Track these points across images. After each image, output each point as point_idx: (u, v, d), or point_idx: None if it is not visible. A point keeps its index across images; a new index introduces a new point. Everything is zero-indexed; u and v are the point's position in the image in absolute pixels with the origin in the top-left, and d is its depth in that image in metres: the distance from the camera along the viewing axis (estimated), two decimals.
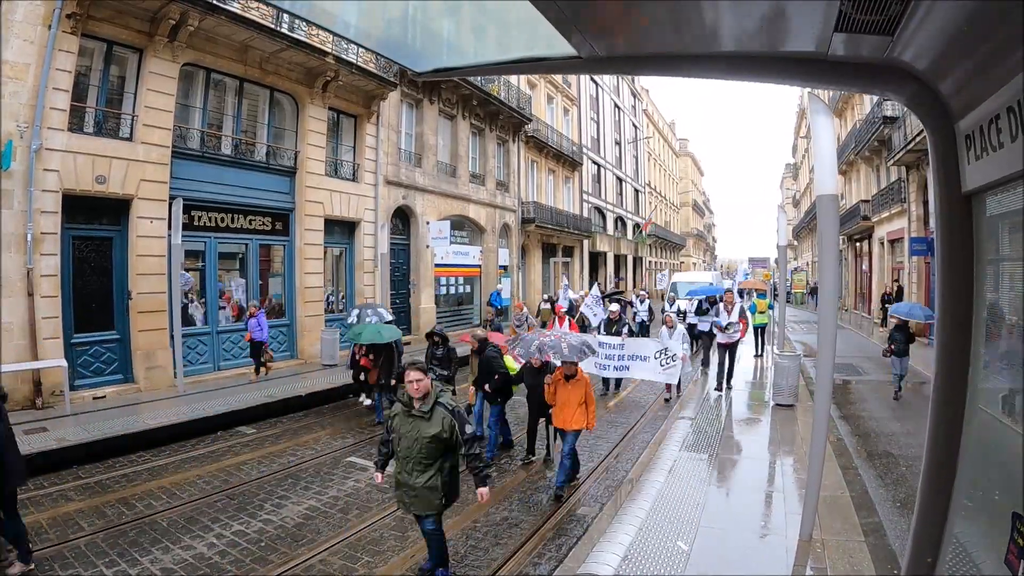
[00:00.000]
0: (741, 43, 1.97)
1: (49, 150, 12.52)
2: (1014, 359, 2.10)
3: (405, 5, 1.98)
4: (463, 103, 27.89)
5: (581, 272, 43.64)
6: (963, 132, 2.04)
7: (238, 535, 7.49)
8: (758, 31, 1.88)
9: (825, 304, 6.82)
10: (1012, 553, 1.85)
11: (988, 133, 1.84)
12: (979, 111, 1.89)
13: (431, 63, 2.37)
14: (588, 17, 1.74)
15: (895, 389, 14.66)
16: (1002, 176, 1.82)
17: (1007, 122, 1.72)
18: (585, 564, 6.21)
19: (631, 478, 9.13)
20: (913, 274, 27.09)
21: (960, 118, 2.04)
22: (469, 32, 2.13)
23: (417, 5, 1.98)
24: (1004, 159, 1.76)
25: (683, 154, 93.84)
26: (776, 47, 1.97)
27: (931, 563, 2.35)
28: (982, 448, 2.20)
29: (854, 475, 9.33)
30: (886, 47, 1.84)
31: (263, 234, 18.33)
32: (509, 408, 11.13)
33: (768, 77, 2.12)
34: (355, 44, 3.67)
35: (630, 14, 1.76)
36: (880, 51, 1.88)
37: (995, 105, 1.78)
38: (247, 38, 16.27)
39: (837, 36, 1.77)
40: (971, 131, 1.97)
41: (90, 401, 12.99)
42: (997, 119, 1.78)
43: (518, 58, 2.29)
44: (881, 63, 1.96)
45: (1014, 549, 1.84)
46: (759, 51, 2.01)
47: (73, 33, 12.79)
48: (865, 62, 1.98)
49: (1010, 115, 1.70)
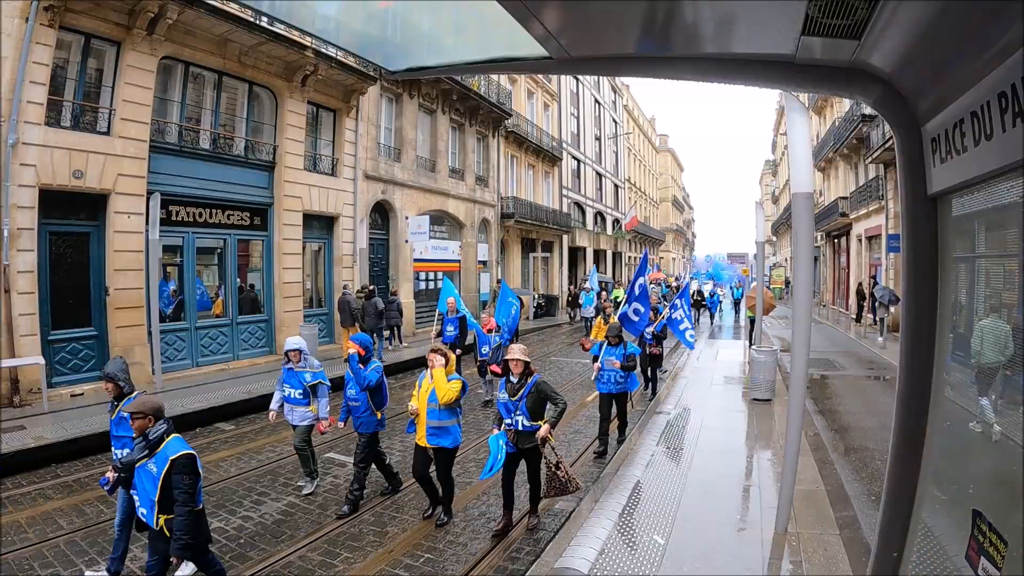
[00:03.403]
0: (711, 45, 2.00)
1: (26, 144, 12.38)
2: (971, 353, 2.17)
3: (378, 4, 1.99)
4: (443, 98, 27.82)
5: (560, 267, 43.69)
6: (929, 135, 2.07)
7: (217, 532, 7.41)
8: (727, 34, 1.91)
9: (799, 299, 6.89)
10: (972, 549, 1.89)
11: (953, 137, 1.88)
12: (945, 114, 1.93)
13: (404, 62, 2.38)
14: (556, 18, 1.76)
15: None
16: (966, 179, 1.86)
17: (971, 126, 1.76)
18: (562, 558, 6.25)
19: (608, 472, 9.17)
20: (890, 270, 27.37)
21: (926, 121, 2.08)
22: (441, 31, 2.15)
23: (389, 5, 2.00)
24: (968, 163, 1.80)
25: (663, 150, 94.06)
26: (747, 50, 2.00)
27: (897, 557, 2.39)
28: (946, 443, 2.25)
29: (830, 469, 9.44)
30: (853, 50, 1.87)
31: (241, 229, 18.19)
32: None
33: (738, 79, 2.15)
34: (327, 43, 3.66)
35: (599, 16, 1.78)
36: (847, 54, 1.91)
37: (959, 109, 1.81)
38: (226, 31, 16.17)
39: (805, 39, 1.80)
40: (937, 134, 2.00)
41: (68, 399, 12.88)
42: (961, 123, 1.81)
43: (489, 58, 2.30)
44: (849, 66, 1.99)
45: (974, 545, 1.88)
46: (728, 54, 2.04)
47: (50, 26, 12.65)
48: (833, 65, 2.01)
49: (973, 120, 1.73)
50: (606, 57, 2.16)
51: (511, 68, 2.35)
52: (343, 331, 18.61)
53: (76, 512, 8.03)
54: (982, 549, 1.83)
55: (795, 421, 6.69)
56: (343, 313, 18.69)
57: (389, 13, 2.04)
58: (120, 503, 6.26)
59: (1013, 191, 1.72)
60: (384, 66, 2.42)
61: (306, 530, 7.63)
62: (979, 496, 2.00)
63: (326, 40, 2.39)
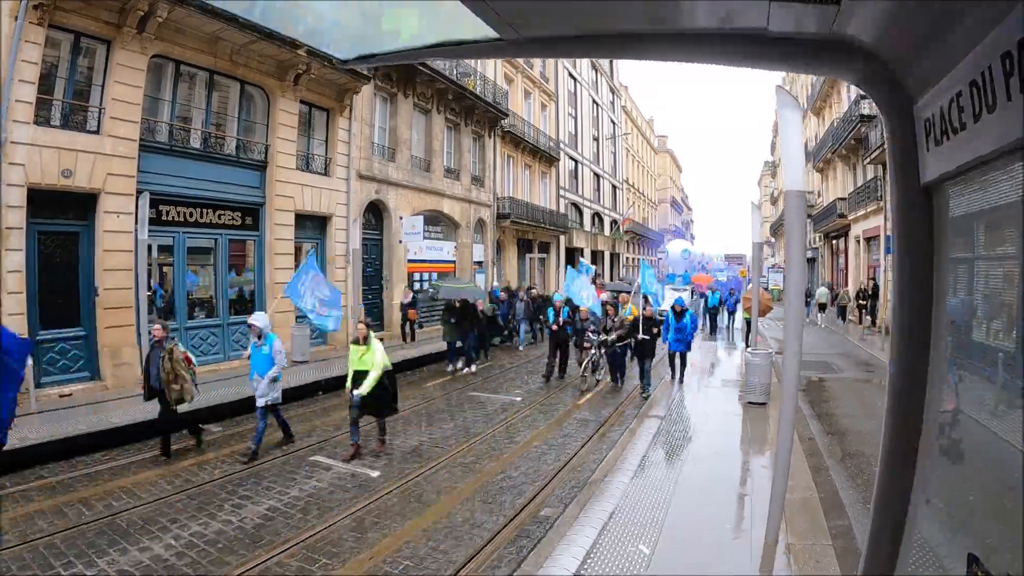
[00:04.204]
0: (672, 20, 1.82)
1: (15, 143, 12.28)
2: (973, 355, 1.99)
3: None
4: (438, 97, 27.69)
5: (557, 268, 43.59)
6: (922, 115, 1.89)
7: (196, 536, 7.34)
8: (690, 6, 1.74)
9: (792, 300, 6.74)
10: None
11: (949, 114, 1.69)
12: (939, 88, 1.74)
13: (354, 50, 2.25)
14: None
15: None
16: (964, 163, 1.67)
17: (969, 99, 1.56)
18: (543, 567, 6.11)
19: (596, 478, 9.03)
20: (889, 272, 27.26)
21: (918, 98, 1.90)
22: (391, 17, 2.01)
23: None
24: (967, 143, 1.61)
25: (662, 151, 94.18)
26: (711, 24, 1.82)
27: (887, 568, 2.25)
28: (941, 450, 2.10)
29: (825, 475, 9.30)
30: (832, 18, 1.68)
31: (233, 229, 18.07)
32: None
33: (706, 58, 1.98)
34: (275, 34, 3.63)
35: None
36: (826, 24, 1.72)
37: (955, 80, 1.62)
38: (217, 30, 16.04)
39: (775, 7, 1.61)
40: (931, 113, 1.82)
41: (56, 399, 12.74)
42: (959, 97, 1.61)
43: (440, 42, 2.16)
44: (826, 38, 1.80)
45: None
46: (694, 28, 1.86)
47: (40, 24, 12.54)
48: (810, 38, 1.83)
49: (973, 90, 1.53)
50: (560, 37, 1.99)
51: (463, 52, 2.20)
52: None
53: (58, 514, 7.91)
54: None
55: (786, 426, 6.52)
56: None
57: (337, 2, 1.92)
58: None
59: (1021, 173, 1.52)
60: (334, 55, 2.30)
61: (285, 535, 7.48)
62: (977, 506, 1.84)
63: (274, 30, 2.29)
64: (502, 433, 12.00)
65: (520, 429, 12.28)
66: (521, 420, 12.98)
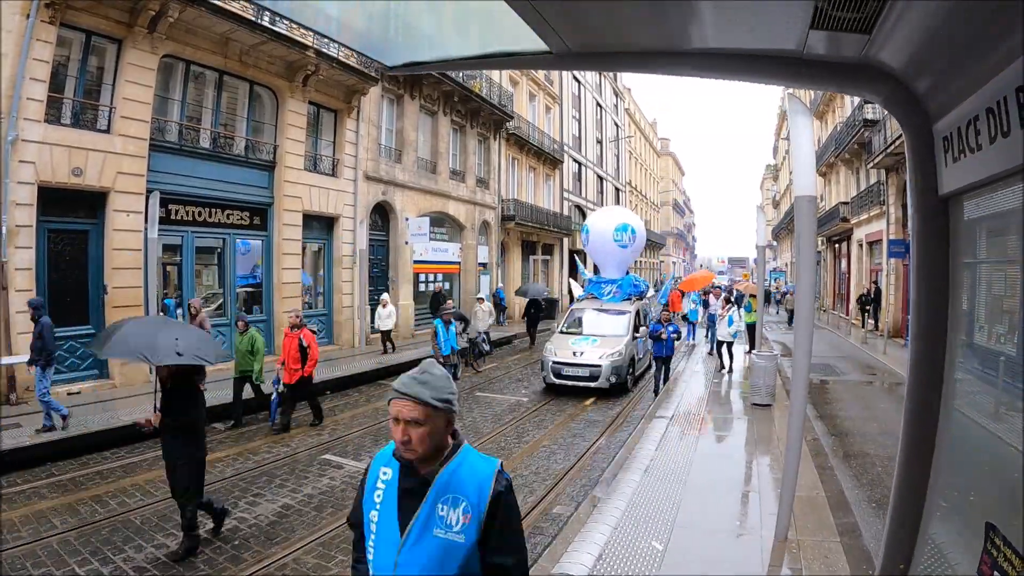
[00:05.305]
0: (716, 40, 1.93)
1: (25, 141, 12.35)
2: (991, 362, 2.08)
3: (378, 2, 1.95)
4: (444, 99, 27.78)
5: (561, 270, 43.64)
6: (941, 134, 2.01)
7: (211, 533, 7.37)
8: (733, 27, 1.84)
9: (801, 304, 6.81)
10: (985, 564, 1.82)
11: (966, 135, 1.81)
12: (957, 112, 1.86)
13: (402, 58, 2.33)
14: (559, 11, 1.70)
15: None
16: (979, 179, 1.79)
17: (986, 124, 1.69)
18: (559, 564, 6.19)
19: (607, 477, 9.11)
20: (891, 276, 27.27)
21: (937, 119, 2.01)
22: (441, 27, 2.10)
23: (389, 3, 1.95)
24: (982, 162, 1.74)
25: (664, 154, 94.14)
26: (752, 45, 1.94)
27: (904, 568, 2.33)
28: (957, 451, 2.18)
29: (830, 475, 9.35)
30: (863, 46, 1.81)
31: (241, 229, 18.16)
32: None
33: (744, 75, 2.09)
34: (328, 39, 3.65)
35: (601, 10, 1.73)
36: (857, 50, 1.85)
37: (974, 105, 1.75)
38: (227, 30, 16.14)
39: (814, 34, 1.74)
40: (949, 132, 1.94)
41: (65, 397, 12.73)
42: (976, 120, 1.75)
43: (488, 53, 2.25)
44: (858, 62, 1.93)
45: (987, 560, 1.81)
46: (734, 48, 1.98)
47: (51, 23, 12.61)
48: (842, 61, 1.95)
49: (989, 116, 1.67)
50: (607, 52, 2.10)
51: (510, 63, 2.30)
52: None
53: (70, 511, 7.95)
54: (996, 564, 1.76)
55: (796, 426, 6.62)
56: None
57: (390, 10, 2.01)
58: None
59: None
60: (383, 62, 2.39)
61: (300, 532, 7.56)
62: (993, 508, 1.93)
63: (327, 36, 2.38)
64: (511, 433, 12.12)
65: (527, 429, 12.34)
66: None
